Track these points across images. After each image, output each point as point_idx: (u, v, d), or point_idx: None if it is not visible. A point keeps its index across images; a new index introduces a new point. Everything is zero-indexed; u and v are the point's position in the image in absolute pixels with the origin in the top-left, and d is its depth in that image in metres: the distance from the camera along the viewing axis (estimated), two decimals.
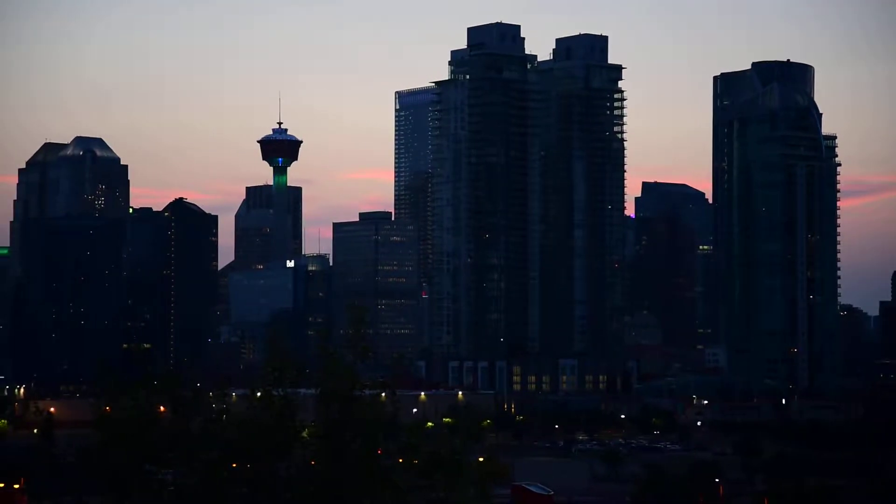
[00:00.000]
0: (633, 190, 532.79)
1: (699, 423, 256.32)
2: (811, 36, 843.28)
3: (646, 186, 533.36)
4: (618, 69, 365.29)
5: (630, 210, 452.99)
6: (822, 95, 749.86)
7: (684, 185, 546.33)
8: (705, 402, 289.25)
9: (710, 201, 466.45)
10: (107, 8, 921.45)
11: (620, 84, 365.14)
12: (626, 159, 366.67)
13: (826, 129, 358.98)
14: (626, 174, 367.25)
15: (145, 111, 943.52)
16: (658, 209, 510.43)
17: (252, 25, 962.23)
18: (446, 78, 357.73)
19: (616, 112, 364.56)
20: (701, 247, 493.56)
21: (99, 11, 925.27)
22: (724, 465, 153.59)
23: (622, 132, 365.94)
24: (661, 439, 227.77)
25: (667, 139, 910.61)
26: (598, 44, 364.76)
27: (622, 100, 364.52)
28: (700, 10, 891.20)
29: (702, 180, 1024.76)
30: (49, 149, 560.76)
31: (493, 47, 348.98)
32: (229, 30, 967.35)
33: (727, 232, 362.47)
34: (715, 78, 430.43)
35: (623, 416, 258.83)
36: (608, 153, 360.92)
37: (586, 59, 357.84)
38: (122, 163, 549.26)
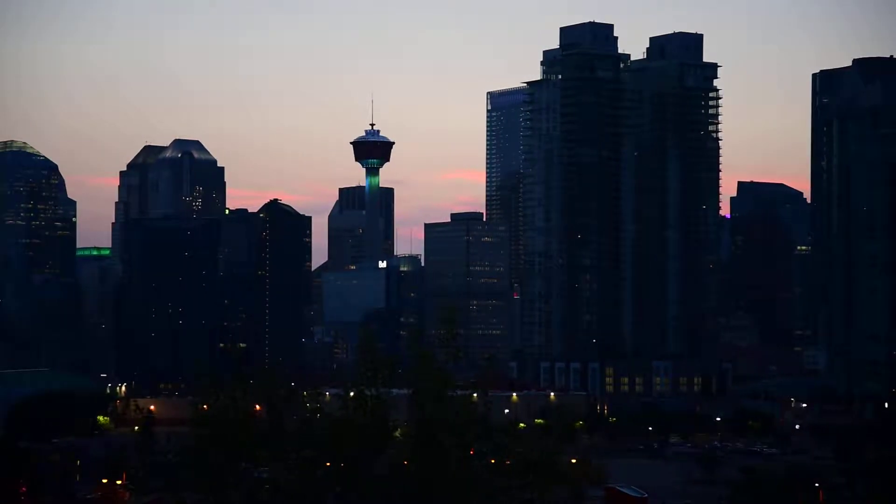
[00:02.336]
0: (728, 190, 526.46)
1: (797, 427, 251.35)
2: None
3: (741, 186, 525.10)
4: (713, 67, 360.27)
5: (725, 210, 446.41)
6: None
7: (781, 185, 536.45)
8: (804, 405, 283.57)
9: (809, 201, 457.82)
10: (202, 11, 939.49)
11: (715, 82, 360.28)
12: (721, 159, 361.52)
13: None
14: (721, 174, 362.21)
15: (241, 113, 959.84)
16: (754, 209, 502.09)
17: (344, 26, 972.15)
18: (538, 78, 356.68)
19: (711, 111, 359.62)
20: (799, 247, 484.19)
21: (195, 14, 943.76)
22: (824, 470, 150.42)
23: (717, 131, 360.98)
24: (758, 442, 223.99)
25: (763, 138, 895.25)
26: (692, 42, 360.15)
27: (717, 98, 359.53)
28: (798, 6, 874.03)
29: (799, 180, 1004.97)
30: (149, 151, 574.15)
31: (586, 47, 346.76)
32: (322, 31, 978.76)
33: (826, 232, 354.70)
34: (814, 75, 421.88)
35: (718, 419, 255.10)
36: (703, 153, 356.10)
37: (680, 58, 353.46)
38: (218, 164, 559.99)
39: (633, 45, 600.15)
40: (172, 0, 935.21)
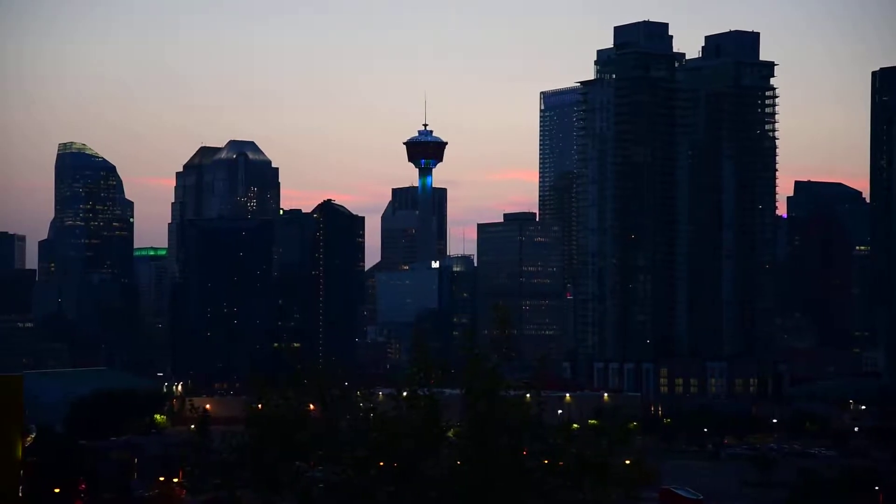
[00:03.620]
0: (785, 189, 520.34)
1: (856, 429, 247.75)
2: None
3: (798, 186, 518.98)
4: (769, 66, 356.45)
5: (782, 210, 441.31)
6: None
7: (839, 185, 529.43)
8: (862, 407, 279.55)
9: (868, 201, 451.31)
10: (255, 11, 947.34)
11: (772, 81, 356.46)
12: (777, 158, 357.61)
13: None
14: (777, 173, 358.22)
15: (295, 114, 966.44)
16: (812, 209, 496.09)
17: (398, 26, 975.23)
18: (592, 78, 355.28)
19: (767, 110, 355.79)
20: (857, 247, 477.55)
21: (248, 15, 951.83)
22: (883, 473, 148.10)
23: (774, 130, 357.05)
24: (815, 445, 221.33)
25: (821, 137, 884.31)
26: (748, 41, 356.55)
27: (774, 97, 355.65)
28: (857, 3, 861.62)
29: (858, 179, 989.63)
30: (204, 152, 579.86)
31: (640, 46, 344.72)
32: (376, 31, 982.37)
33: (886, 232, 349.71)
34: (873, 73, 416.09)
35: (774, 421, 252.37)
36: (759, 152, 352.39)
37: (736, 57, 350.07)
38: (273, 165, 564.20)
39: (688, 44, 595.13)
40: (229, 3, 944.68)
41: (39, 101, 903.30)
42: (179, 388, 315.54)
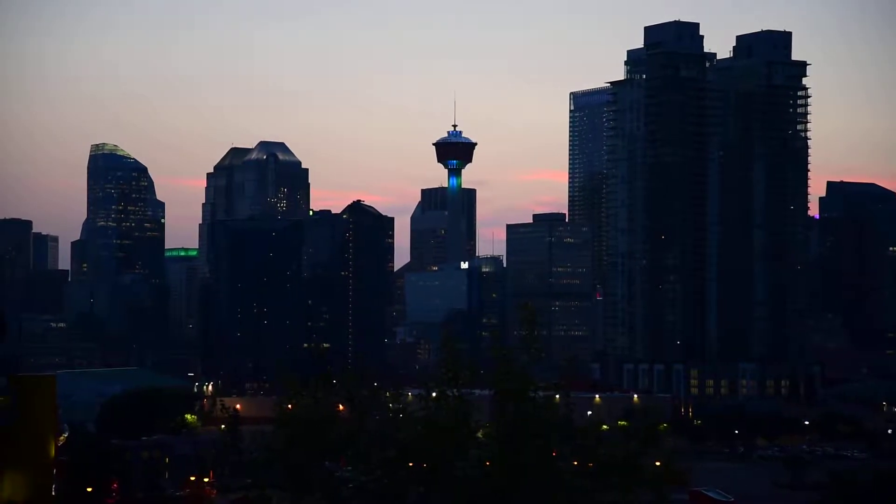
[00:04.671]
0: (817, 190, 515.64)
1: (889, 431, 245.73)
2: None
3: (831, 186, 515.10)
4: (801, 66, 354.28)
5: (814, 210, 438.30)
6: None
7: (872, 185, 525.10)
8: (895, 408, 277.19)
9: None
10: (282, 12, 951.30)
11: (804, 81, 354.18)
12: (809, 158, 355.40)
13: None
14: (809, 174, 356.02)
15: (324, 115, 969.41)
16: (844, 209, 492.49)
17: (428, 27, 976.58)
18: (622, 78, 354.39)
19: (799, 110, 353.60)
20: (890, 248, 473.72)
21: (278, 15, 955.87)
22: None
23: (805, 130, 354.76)
24: (847, 447, 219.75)
25: (854, 137, 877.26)
26: (780, 40, 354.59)
27: (806, 97, 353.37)
28: (890, 2, 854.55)
29: (891, 179, 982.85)
30: (235, 153, 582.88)
31: (670, 46, 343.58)
32: (405, 31, 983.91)
33: None
34: None
35: (806, 422, 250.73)
36: (790, 152, 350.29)
37: (768, 57, 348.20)
38: (302, 166, 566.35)
39: (719, 44, 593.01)
40: (259, 3, 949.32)
41: (68, 102, 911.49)
42: (210, 387, 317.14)
